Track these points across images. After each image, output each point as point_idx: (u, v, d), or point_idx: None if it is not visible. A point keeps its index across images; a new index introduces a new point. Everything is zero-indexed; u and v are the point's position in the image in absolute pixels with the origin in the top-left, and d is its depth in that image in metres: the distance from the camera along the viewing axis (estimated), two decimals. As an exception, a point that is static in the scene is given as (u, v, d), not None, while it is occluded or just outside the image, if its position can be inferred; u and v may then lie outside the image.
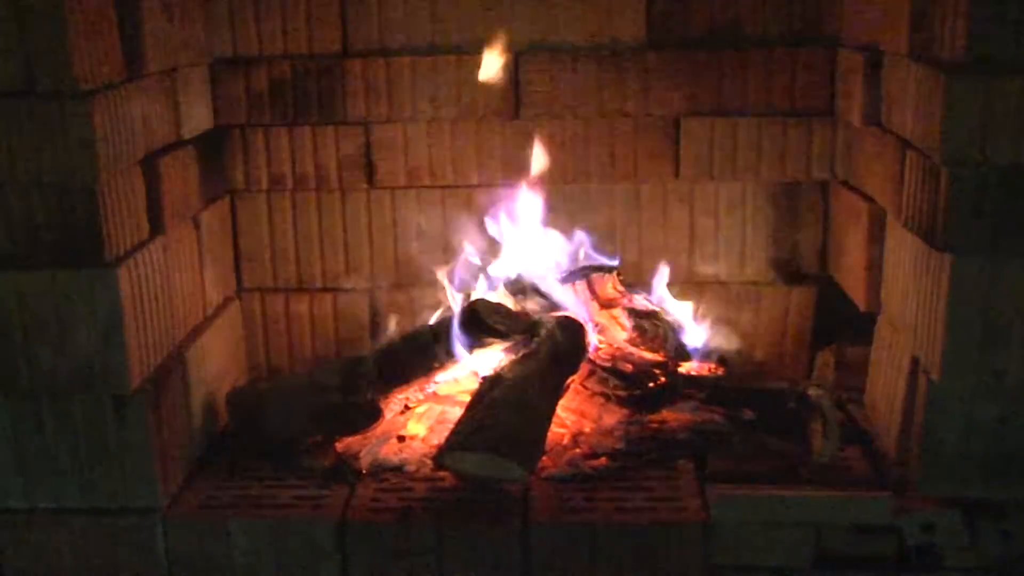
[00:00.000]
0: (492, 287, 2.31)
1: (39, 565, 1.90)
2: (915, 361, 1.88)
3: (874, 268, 2.11)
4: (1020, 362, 1.75)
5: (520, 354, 2.12)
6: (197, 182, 2.19)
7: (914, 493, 1.85)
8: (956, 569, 1.82)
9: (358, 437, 2.07)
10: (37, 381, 1.81)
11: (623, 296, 2.35)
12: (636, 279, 2.39)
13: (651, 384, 2.17)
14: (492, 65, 2.30)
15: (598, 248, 2.35)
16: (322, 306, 2.46)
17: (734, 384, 2.22)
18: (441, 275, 2.30)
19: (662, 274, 2.37)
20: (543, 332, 2.16)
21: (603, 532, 1.83)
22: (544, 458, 1.98)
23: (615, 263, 2.36)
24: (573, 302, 2.28)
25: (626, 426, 2.09)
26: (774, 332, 2.43)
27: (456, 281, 2.34)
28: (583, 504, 1.89)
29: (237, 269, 2.44)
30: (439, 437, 2.02)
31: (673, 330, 2.31)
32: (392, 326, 2.40)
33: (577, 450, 2.04)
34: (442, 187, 2.40)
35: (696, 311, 2.37)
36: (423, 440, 2.10)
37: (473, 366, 2.18)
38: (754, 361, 2.43)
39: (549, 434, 2.00)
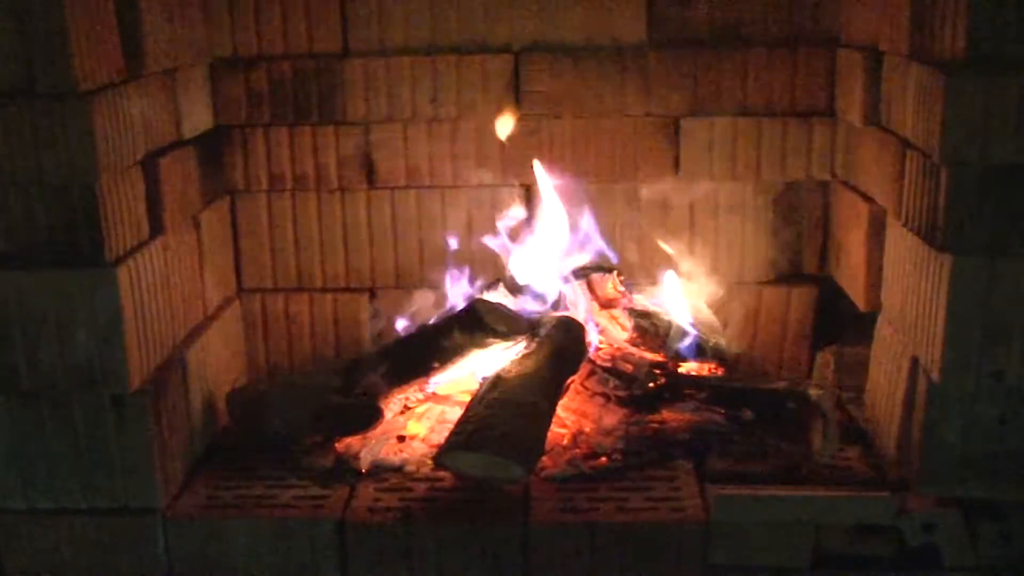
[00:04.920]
0: (493, 287, 2.31)
1: (39, 565, 1.90)
2: (915, 361, 1.88)
3: (874, 268, 2.11)
4: (1020, 362, 1.75)
5: (520, 354, 2.12)
6: (197, 182, 2.19)
7: (914, 493, 1.85)
8: (956, 569, 1.82)
9: (358, 437, 2.07)
10: (37, 381, 1.81)
11: (623, 296, 2.35)
12: (636, 279, 2.39)
13: (651, 384, 2.17)
14: (492, 65, 2.31)
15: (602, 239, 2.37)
16: (322, 306, 2.46)
17: (734, 384, 2.22)
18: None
19: (669, 276, 2.38)
20: (543, 332, 2.16)
21: (603, 532, 1.83)
22: (544, 458, 1.98)
23: (615, 263, 2.36)
24: (570, 301, 2.29)
25: (626, 426, 2.09)
26: (774, 332, 2.44)
27: (457, 281, 2.34)
28: (583, 504, 1.89)
29: (237, 269, 2.44)
30: (439, 437, 2.02)
31: (671, 330, 2.31)
32: (392, 326, 2.40)
33: (577, 450, 2.04)
34: (442, 187, 2.40)
35: (696, 311, 2.37)
36: (423, 440, 2.10)
37: (473, 366, 2.18)
38: (754, 361, 2.43)
39: (549, 434, 2.00)
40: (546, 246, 2.34)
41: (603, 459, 2.01)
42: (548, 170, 2.34)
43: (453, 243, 2.39)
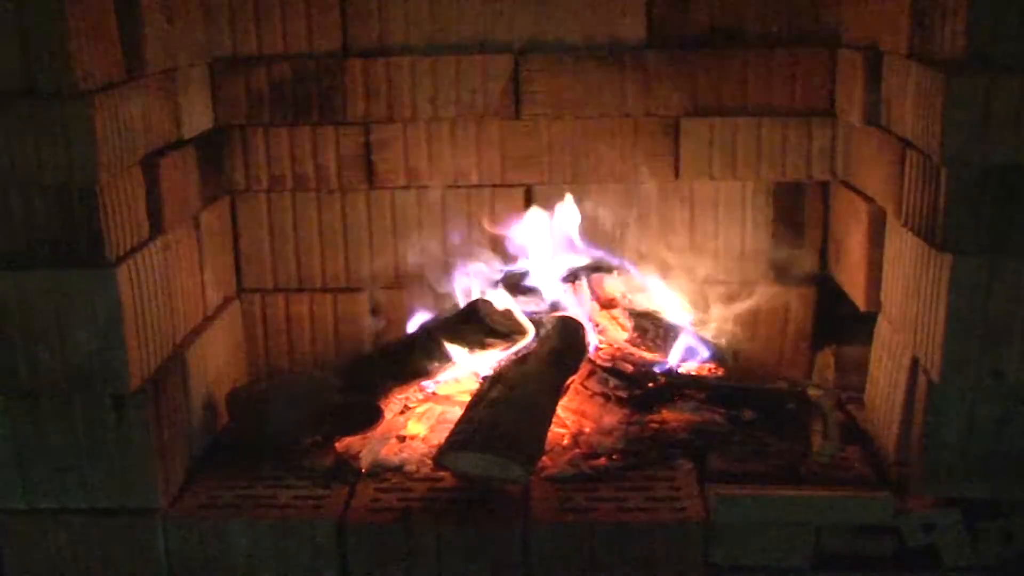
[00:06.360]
0: (493, 287, 2.31)
1: (39, 565, 1.90)
2: (915, 361, 1.88)
3: (874, 268, 2.11)
4: (1020, 362, 1.75)
5: (520, 354, 2.12)
6: (197, 182, 2.19)
7: (914, 493, 1.85)
8: (956, 569, 1.82)
9: (358, 437, 2.07)
10: (37, 381, 1.81)
11: (623, 296, 2.35)
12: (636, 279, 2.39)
13: (651, 384, 2.17)
14: (492, 65, 2.31)
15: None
16: (322, 306, 2.46)
17: (734, 384, 2.22)
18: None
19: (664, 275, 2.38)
20: (543, 332, 2.16)
21: (603, 532, 1.83)
22: (544, 458, 1.98)
23: (615, 263, 2.36)
24: (572, 301, 2.29)
25: (626, 426, 2.09)
26: (774, 332, 2.43)
27: (456, 281, 2.34)
28: (583, 504, 1.89)
29: (237, 269, 2.44)
30: (439, 437, 2.02)
31: (671, 331, 2.31)
32: (392, 326, 2.40)
33: (577, 450, 2.04)
34: (442, 187, 2.40)
35: (696, 311, 2.37)
36: (423, 440, 2.10)
37: (473, 366, 2.18)
38: (754, 361, 2.43)
39: (549, 434, 2.00)
40: (545, 247, 2.34)
41: (603, 459, 2.01)
42: (547, 171, 2.35)
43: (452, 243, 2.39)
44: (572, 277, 2.33)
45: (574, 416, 2.14)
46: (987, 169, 1.71)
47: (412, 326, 2.33)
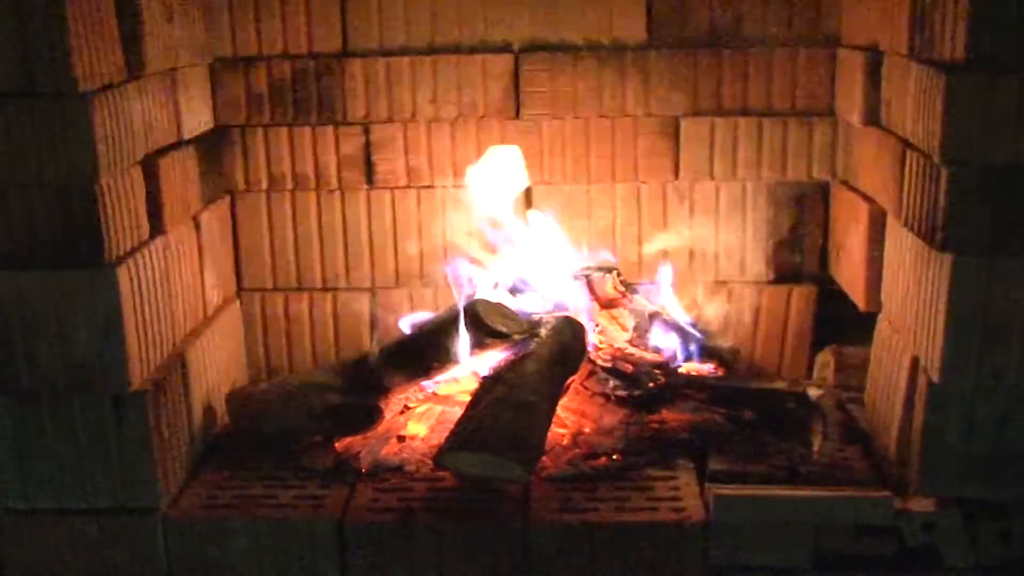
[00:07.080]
0: (492, 287, 2.31)
1: (39, 565, 1.90)
2: (915, 361, 1.88)
3: (874, 268, 2.11)
4: (1020, 362, 1.75)
5: (520, 354, 2.12)
6: (197, 182, 2.19)
7: (914, 493, 1.85)
8: (956, 569, 1.82)
9: (358, 437, 2.07)
10: (37, 381, 1.81)
11: (623, 296, 2.35)
12: (636, 279, 2.39)
13: (651, 384, 2.17)
14: (492, 65, 2.31)
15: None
16: (322, 306, 2.46)
17: (734, 384, 2.21)
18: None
19: (665, 275, 2.38)
20: (543, 332, 2.16)
21: (603, 532, 1.83)
22: (544, 458, 1.98)
23: (615, 263, 2.36)
24: (573, 301, 2.29)
25: (626, 426, 2.09)
26: (774, 332, 2.43)
27: (456, 281, 2.34)
28: (583, 504, 1.89)
29: (237, 269, 2.44)
30: (439, 437, 2.02)
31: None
32: (391, 326, 2.40)
33: (577, 450, 2.04)
34: (442, 187, 2.40)
35: (696, 311, 2.37)
36: (423, 440, 2.10)
37: (473, 366, 2.18)
38: (754, 361, 2.43)
39: (549, 434, 2.00)
40: (544, 247, 2.34)
41: (603, 459, 2.01)
42: (547, 171, 2.36)
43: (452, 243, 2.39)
44: (572, 277, 2.33)
45: (574, 416, 2.13)
46: (987, 169, 1.71)
47: (412, 326, 2.33)
